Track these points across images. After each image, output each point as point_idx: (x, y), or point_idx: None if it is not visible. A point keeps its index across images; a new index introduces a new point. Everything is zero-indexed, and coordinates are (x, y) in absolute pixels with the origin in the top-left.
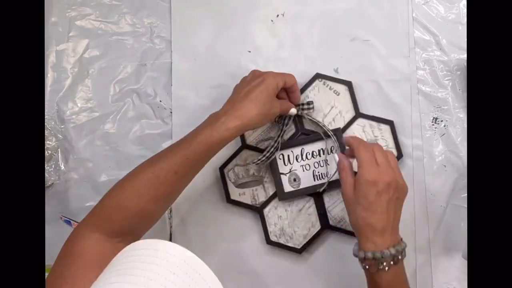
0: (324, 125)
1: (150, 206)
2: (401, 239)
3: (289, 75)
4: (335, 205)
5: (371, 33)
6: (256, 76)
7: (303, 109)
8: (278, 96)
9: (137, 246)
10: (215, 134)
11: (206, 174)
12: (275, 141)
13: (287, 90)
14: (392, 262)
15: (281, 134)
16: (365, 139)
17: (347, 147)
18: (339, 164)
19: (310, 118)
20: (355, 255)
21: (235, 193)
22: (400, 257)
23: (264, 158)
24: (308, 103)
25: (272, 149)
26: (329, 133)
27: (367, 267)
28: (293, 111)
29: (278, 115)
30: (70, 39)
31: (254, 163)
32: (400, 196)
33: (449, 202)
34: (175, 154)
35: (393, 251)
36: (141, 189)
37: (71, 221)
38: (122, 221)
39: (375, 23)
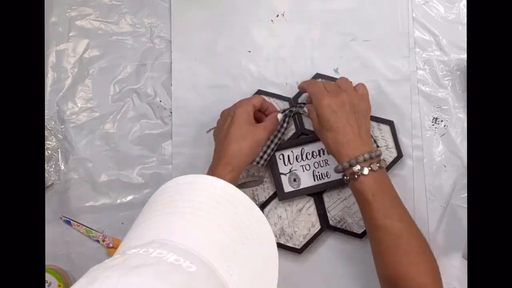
0: None
1: None
2: (378, 149)
3: (255, 97)
4: (335, 205)
5: (371, 33)
6: (225, 116)
7: (301, 107)
8: (258, 120)
9: (174, 183)
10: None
11: None
12: (272, 142)
13: (262, 112)
14: (369, 167)
15: (278, 135)
16: None
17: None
18: (307, 109)
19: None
20: (336, 172)
21: None
22: (377, 164)
23: (263, 162)
24: (307, 102)
25: (270, 151)
26: None
27: (347, 177)
28: (279, 116)
29: (270, 133)
30: (70, 39)
31: (255, 163)
32: (359, 109)
33: (449, 202)
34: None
35: (366, 156)
36: None
37: (71, 221)
38: None
39: (375, 23)
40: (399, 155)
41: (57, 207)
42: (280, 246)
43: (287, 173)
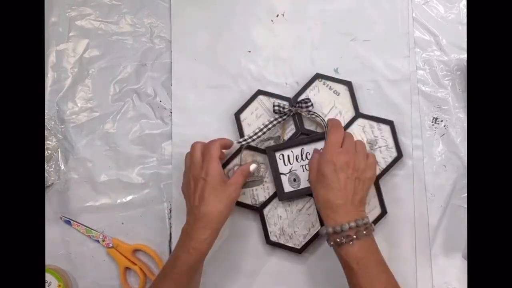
0: (323, 119)
1: None
2: (366, 216)
3: (216, 149)
4: None
5: (371, 33)
6: (196, 178)
7: (301, 107)
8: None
9: None
10: (193, 252)
11: None
12: (260, 130)
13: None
14: (355, 236)
15: (268, 125)
16: (365, 139)
17: None
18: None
19: (312, 113)
20: (320, 234)
21: None
22: (364, 232)
23: (243, 142)
24: (306, 101)
25: (254, 136)
26: (325, 133)
27: (332, 243)
28: (252, 167)
29: (241, 187)
30: (70, 39)
31: (237, 142)
32: (360, 177)
33: (449, 202)
34: (165, 280)
35: (352, 224)
36: None
37: (71, 221)
38: None
39: (375, 23)
40: (399, 155)
41: (57, 207)
42: (280, 246)
43: (287, 173)
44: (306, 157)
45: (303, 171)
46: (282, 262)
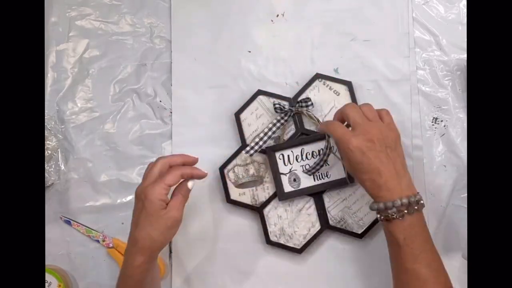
0: (318, 121)
1: None
2: (418, 193)
3: (170, 174)
4: (335, 205)
5: (371, 33)
6: (137, 200)
7: (301, 106)
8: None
9: None
10: (126, 278)
11: None
12: (266, 134)
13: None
14: (406, 211)
15: (273, 128)
16: None
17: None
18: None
19: (310, 114)
20: (371, 209)
21: (235, 193)
22: (416, 207)
23: (252, 152)
24: (306, 100)
25: (262, 143)
26: (325, 133)
27: (382, 217)
28: (190, 184)
29: (183, 208)
30: (70, 39)
31: (245, 152)
32: (389, 143)
33: (449, 202)
34: None
35: (405, 200)
36: None
37: (71, 221)
38: None
39: (375, 23)
40: None
41: (57, 207)
42: (280, 246)
43: (287, 173)
44: (306, 157)
45: (303, 171)
46: (282, 262)
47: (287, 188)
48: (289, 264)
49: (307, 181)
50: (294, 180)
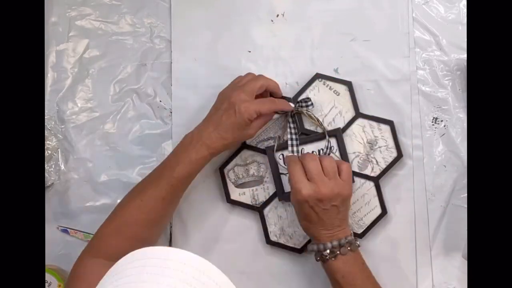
0: (322, 123)
1: (143, 231)
2: (351, 233)
3: (263, 100)
4: None
5: (371, 33)
6: (229, 103)
7: (301, 106)
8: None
9: (142, 255)
10: (202, 152)
11: (206, 174)
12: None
13: (271, 93)
14: (338, 252)
15: (287, 130)
16: (365, 139)
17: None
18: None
19: (310, 114)
20: (308, 250)
21: (235, 193)
22: (349, 248)
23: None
24: (306, 100)
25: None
26: (325, 133)
27: (318, 258)
28: (276, 116)
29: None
30: (70, 39)
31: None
32: (339, 200)
33: (449, 202)
34: (160, 180)
35: (335, 243)
36: (133, 216)
37: (68, 229)
38: (119, 246)
39: (375, 23)
40: (399, 155)
41: (57, 207)
42: (280, 246)
43: (287, 173)
44: None
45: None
46: (282, 262)
47: (287, 188)
48: (289, 264)
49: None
50: None
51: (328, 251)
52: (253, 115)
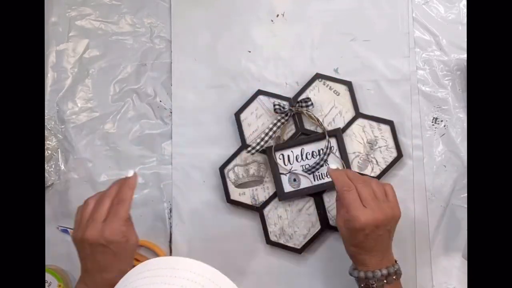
0: (322, 123)
1: None
2: (395, 261)
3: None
4: (335, 205)
5: (371, 33)
6: (95, 245)
7: (301, 106)
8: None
9: (151, 266)
10: None
11: (206, 174)
12: (267, 135)
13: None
14: (385, 281)
15: (274, 128)
16: (365, 139)
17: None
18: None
19: (310, 114)
20: (350, 274)
21: (235, 193)
22: (394, 277)
23: (254, 151)
24: (305, 100)
25: (263, 143)
26: (325, 133)
27: (362, 285)
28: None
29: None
30: (70, 39)
31: (247, 151)
32: (391, 228)
33: (449, 202)
34: None
35: (384, 272)
36: None
37: (68, 229)
38: None
39: (375, 23)
40: (399, 155)
41: (57, 207)
42: (280, 246)
43: (287, 173)
44: (306, 157)
45: (303, 170)
46: (282, 262)
47: (287, 188)
48: (289, 264)
49: (307, 181)
50: (294, 180)
51: (375, 279)
52: (123, 228)
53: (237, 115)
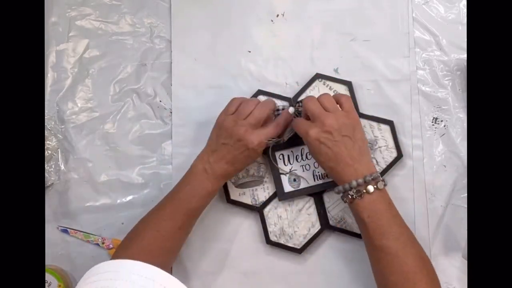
0: None
1: (159, 258)
2: (375, 171)
3: (273, 127)
4: (335, 205)
5: (371, 33)
6: (237, 140)
7: (301, 106)
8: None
9: (96, 270)
10: (211, 185)
11: None
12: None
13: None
14: (364, 191)
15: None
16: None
17: None
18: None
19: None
20: (336, 193)
21: (235, 193)
22: (375, 186)
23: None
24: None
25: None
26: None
27: (345, 200)
28: (291, 109)
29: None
30: (70, 39)
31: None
32: (347, 130)
33: (449, 202)
34: (176, 212)
35: (360, 180)
36: (148, 247)
37: (68, 229)
38: None
39: (375, 23)
40: (399, 155)
41: (57, 207)
42: (280, 246)
43: (287, 173)
44: (307, 157)
45: (303, 171)
46: (282, 262)
47: (287, 188)
48: (289, 264)
49: (307, 181)
50: (294, 180)
51: (354, 190)
52: (265, 144)
53: None
